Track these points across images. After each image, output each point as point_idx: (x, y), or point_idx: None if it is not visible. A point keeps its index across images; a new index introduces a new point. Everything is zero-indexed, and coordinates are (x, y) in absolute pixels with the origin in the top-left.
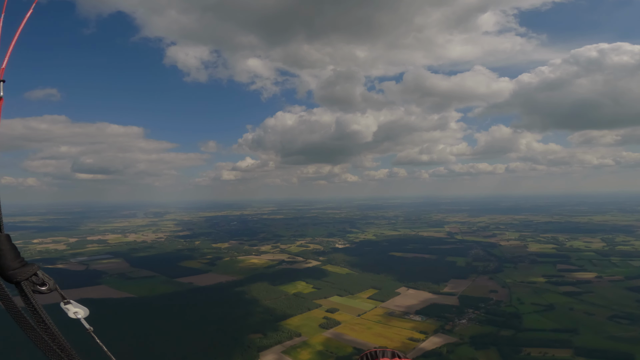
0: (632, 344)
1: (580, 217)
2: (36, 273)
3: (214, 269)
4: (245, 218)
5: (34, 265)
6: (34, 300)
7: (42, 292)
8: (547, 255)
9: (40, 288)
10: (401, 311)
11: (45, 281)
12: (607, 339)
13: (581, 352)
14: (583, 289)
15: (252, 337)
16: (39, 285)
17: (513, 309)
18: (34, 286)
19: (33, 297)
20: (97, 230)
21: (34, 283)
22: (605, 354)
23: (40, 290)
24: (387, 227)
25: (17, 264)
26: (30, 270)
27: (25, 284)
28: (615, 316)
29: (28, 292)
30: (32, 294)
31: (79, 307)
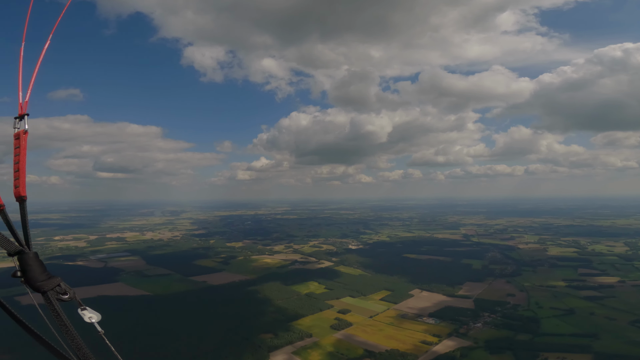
0: None
1: (602, 221)
2: (59, 284)
3: (228, 268)
4: (260, 218)
5: (58, 278)
6: (59, 308)
7: (64, 300)
8: (568, 259)
9: (63, 297)
10: (414, 313)
11: (67, 290)
12: (628, 344)
13: (601, 358)
14: (605, 293)
15: (263, 337)
16: (61, 294)
17: (531, 313)
18: (57, 295)
19: (57, 304)
20: (116, 228)
21: (58, 292)
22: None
23: (62, 299)
24: (401, 228)
25: (44, 276)
26: (54, 282)
27: (50, 293)
28: (637, 321)
29: (53, 300)
30: (57, 302)
31: (93, 313)
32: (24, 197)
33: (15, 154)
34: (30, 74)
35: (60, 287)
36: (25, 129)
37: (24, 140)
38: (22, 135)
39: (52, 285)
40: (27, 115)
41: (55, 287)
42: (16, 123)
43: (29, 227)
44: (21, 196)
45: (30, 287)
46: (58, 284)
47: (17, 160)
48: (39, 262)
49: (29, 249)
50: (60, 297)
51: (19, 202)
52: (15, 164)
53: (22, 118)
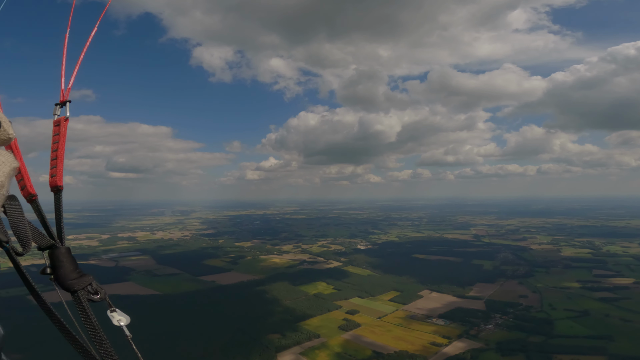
0: None
1: (617, 221)
2: (91, 283)
3: (236, 268)
4: (268, 217)
5: (89, 276)
6: (89, 309)
7: (94, 301)
8: (582, 260)
9: (94, 297)
10: (423, 314)
11: (98, 290)
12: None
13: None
14: (620, 295)
15: (270, 337)
16: (92, 294)
17: (544, 315)
18: (88, 295)
19: (87, 305)
20: (128, 227)
21: (89, 292)
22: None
23: (93, 299)
24: (411, 228)
25: (76, 274)
26: (86, 281)
27: (81, 293)
28: None
29: (84, 300)
30: (87, 302)
31: (122, 315)
32: (60, 187)
33: (53, 142)
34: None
35: (91, 286)
36: (66, 115)
37: (64, 127)
38: (63, 122)
39: (84, 284)
40: (69, 102)
41: (86, 286)
42: (56, 110)
43: (63, 220)
44: (57, 186)
45: (60, 285)
46: (89, 283)
47: (55, 148)
48: (71, 258)
49: (61, 243)
50: (91, 297)
51: (54, 193)
52: (54, 152)
53: (63, 105)
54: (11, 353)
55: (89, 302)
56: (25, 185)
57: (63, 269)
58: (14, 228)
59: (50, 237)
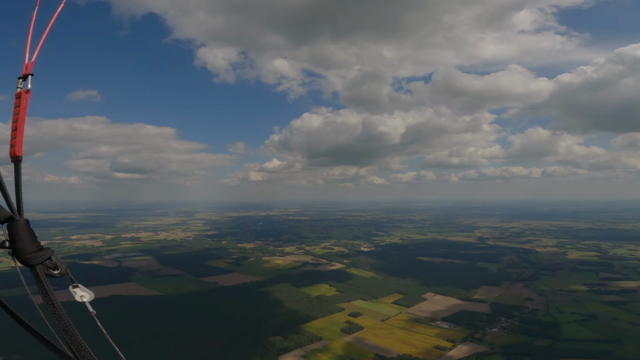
0: None
1: (624, 224)
2: (50, 257)
3: (239, 269)
4: (271, 219)
5: (49, 250)
6: (46, 283)
7: (54, 276)
8: (588, 263)
9: (53, 272)
10: (427, 317)
11: (58, 265)
12: None
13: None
14: (628, 298)
15: (272, 340)
16: (52, 269)
17: (550, 318)
18: (47, 270)
19: (46, 280)
20: (131, 228)
21: (48, 267)
22: None
23: (52, 274)
24: (414, 230)
25: (34, 247)
26: (45, 255)
27: (39, 267)
28: None
29: (41, 275)
30: (45, 277)
31: (85, 291)
32: (19, 157)
33: (14, 113)
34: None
35: (50, 260)
36: (27, 88)
37: (25, 99)
38: (24, 94)
39: (42, 258)
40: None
41: (45, 260)
42: (19, 83)
43: (21, 191)
44: (16, 156)
45: (18, 259)
46: (49, 257)
47: (15, 119)
48: (29, 231)
49: (19, 215)
50: (50, 272)
51: (14, 163)
52: (14, 123)
53: (25, 78)
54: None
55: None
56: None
57: (21, 242)
58: None
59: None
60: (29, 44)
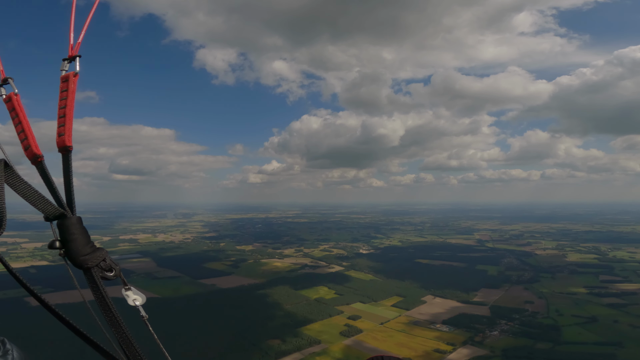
0: None
1: (623, 227)
2: (105, 258)
3: (237, 271)
4: (270, 221)
5: (103, 250)
6: (103, 288)
7: (108, 279)
8: (588, 266)
9: (107, 274)
10: (427, 320)
11: (112, 267)
12: None
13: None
14: (628, 300)
15: (270, 343)
16: (106, 271)
17: (551, 321)
18: (102, 272)
19: (102, 284)
20: (130, 229)
21: (102, 269)
22: None
23: (107, 277)
24: (413, 233)
25: (89, 249)
26: (100, 255)
27: (95, 270)
28: None
29: (97, 278)
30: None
31: (138, 295)
32: (69, 147)
33: (61, 98)
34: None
35: (105, 262)
36: (75, 71)
37: (73, 83)
38: (72, 77)
39: (97, 259)
40: (79, 57)
41: (100, 262)
42: (64, 65)
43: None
44: (66, 146)
45: (71, 260)
46: (103, 259)
47: (63, 105)
48: (83, 229)
49: (72, 212)
50: (105, 274)
51: (62, 154)
52: (61, 109)
53: (72, 60)
54: None
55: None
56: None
57: (75, 243)
58: None
59: (59, 206)
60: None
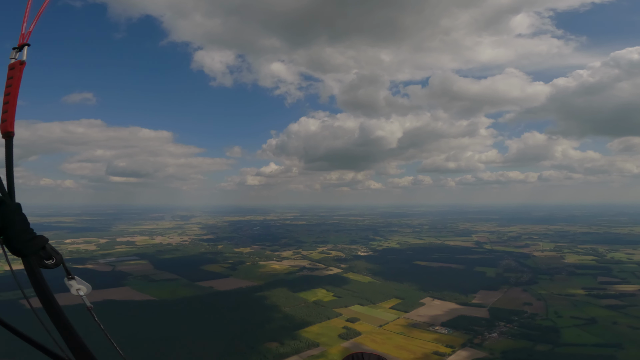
0: None
1: (620, 228)
2: (44, 246)
3: (235, 274)
4: (268, 223)
5: (43, 237)
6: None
7: (48, 267)
8: (586, 267)
9: (47, 262)
10: (425, 322)
11: (53, 255)
12: None
13: None
14: (627, 302)
15: (268, 346)
16: (45, 259)
17: (550, 323)
18: (40, 260)
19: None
20: (127, 231)
21: (41, 257)
22: None
23: (46, 265)
24: (412, 235)
25: (27, 235)
26: (39, 242)
27: (33, 258)
28: None
29: (35, 266)
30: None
31: (82, 284)
32: (11, 132)
33: (7, 85)
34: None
35: (45, 249)
36: (22, 59)
37: (19, 71)
38: (18, 66)
39: (36, 247)
40: (27, 46)
41: (39, 249)
42: (14, 54)
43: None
44: (8, 131)
45: (9, 248)
46: (43, 246)
47: (8, 92)
48: (22, 216)
49: (11, 199)
50: (44, 262)
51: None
52: (6, 96)
53: (21, 49)
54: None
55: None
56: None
57: (13, 229)
58: None
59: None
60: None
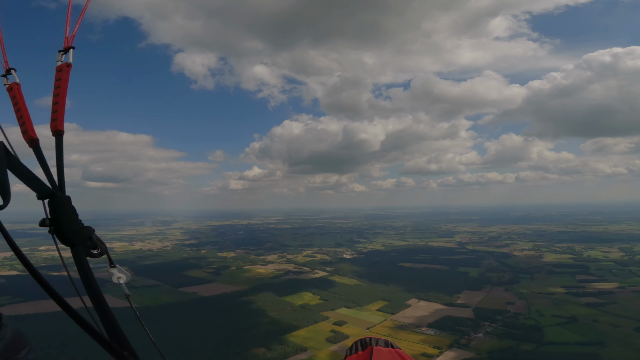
0: None
1: (595, 227)
2: (91, 236)
3: (219, 279)
4: (252, 227)
5: (90, 228)
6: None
7: (94, 256)
8: (564, 266)
9: (93, 251)
10: (412, 324)
11: (98, 245)
12: (636, 351)
13: None
14: (606, 299)
15: (255, 351)
16: (92, 248)
17: (533, 322)
18: (87, 250)
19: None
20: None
21: (88, 246)
22: None
23: (92, 254)
24: (396, 237)
25: (76, 226)
26: (87, 232)
27: (80, 247)
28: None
29: (82, 255)
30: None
31: (122, 273)
32: (61, 131)
33: (55, 87)
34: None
35: (91, 240)
36: (69, 62)
37: (66, 73)
38: (65, 68)
39: (84, 237)
40: (72, 49)
41: (87, 239)
42: (59, 56)
43: (64, 166)
44: (58, 130)
45: (59, 237)
46: (89, 236)
47: (57, 93)
48: (72, 208)
49: (62, 192)
50: (90, 251)
51: (55, 137)
52: (55, 97)
53: (67, 51)
54: None
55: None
56: (27, 129)
57: (64, 221)
58: None
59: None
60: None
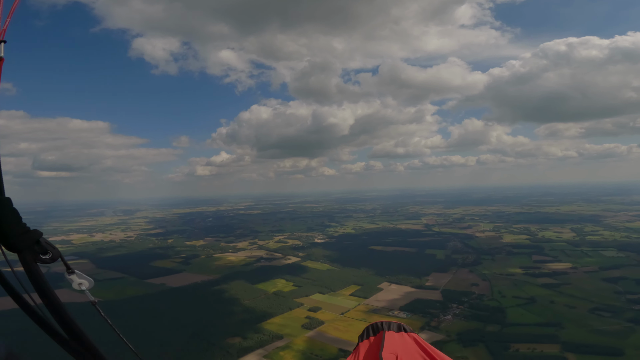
0: (618, 338)
1: (548, 208)
2: (39, 240)
3: (188, 268)
4: (221, 214)
5: (37, 231)
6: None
7: (44, 262)
8: (521, 246)
9: (43, 257)
10: (385, 307)
11: (48, 249)
12: (592, 332)
13: (569, 347)
14: (560, 280)
15: (231, 341)
16: (41, 254)
17: (496, 303)
18: (36, 255)
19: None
20: (61, 230)
21: (36, 252)
22: (594, 349)
23: (42, 260)
24: (366, 220)
25: (20, 229)
26: (33, 236)
27: (27, 252)
28: (596, 309)
29: (31, 262)
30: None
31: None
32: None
33: None
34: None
35: (39, 244)
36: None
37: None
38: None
39: (30, 241)
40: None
41: (33, 244)
42: None
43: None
44: None
45: (3, 244)
46: (37, 240)
47: None
48: (14, 210)
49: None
50: (40, 257)
51: None
52: None
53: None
54: None
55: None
56: None
57: (5, 224)
58: None
59: None
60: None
